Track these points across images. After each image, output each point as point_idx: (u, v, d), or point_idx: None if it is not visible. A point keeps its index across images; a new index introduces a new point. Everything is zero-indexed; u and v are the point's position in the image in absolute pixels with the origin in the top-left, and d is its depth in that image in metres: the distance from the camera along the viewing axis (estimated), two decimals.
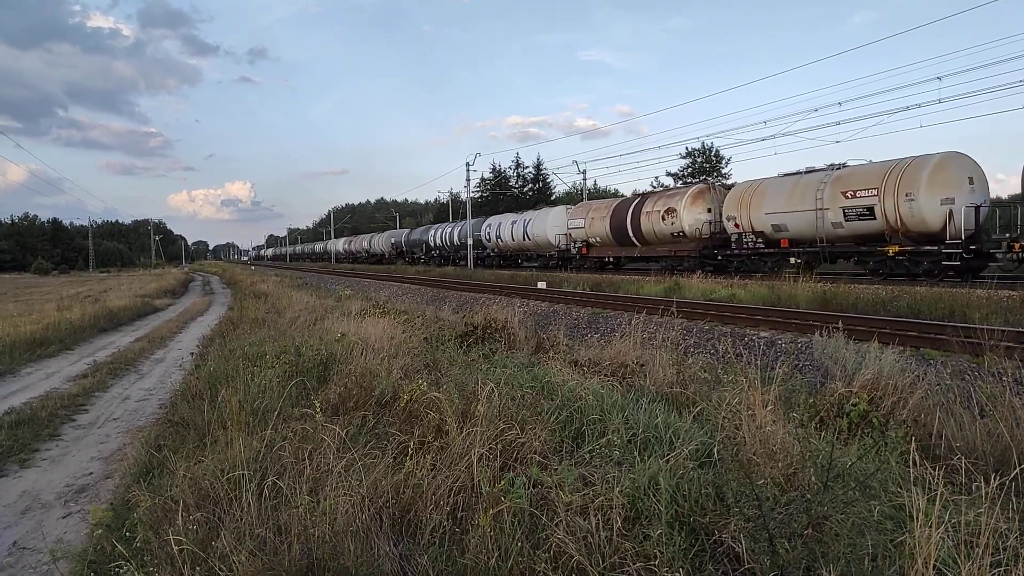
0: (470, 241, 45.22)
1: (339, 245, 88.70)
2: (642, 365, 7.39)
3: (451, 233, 50.87)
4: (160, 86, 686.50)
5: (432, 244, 54.66)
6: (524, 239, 39.93)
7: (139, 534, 3.82)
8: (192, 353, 12.67)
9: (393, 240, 66.58)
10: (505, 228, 42.16)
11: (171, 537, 3.42)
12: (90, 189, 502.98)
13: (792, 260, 22.14)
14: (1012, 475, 3.29)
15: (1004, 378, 6.43)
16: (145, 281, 46.48)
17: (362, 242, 79.74)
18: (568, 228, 35.58)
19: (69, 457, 7.07)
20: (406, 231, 64.10)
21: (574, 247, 35.04)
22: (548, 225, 37.25)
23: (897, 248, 18.66)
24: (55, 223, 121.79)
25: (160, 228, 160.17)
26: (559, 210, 38.15)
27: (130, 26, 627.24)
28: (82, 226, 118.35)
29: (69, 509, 5.62)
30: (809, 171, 22.13)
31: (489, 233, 44.39)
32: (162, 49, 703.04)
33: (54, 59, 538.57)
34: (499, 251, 43.98)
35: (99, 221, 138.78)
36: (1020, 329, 9.32)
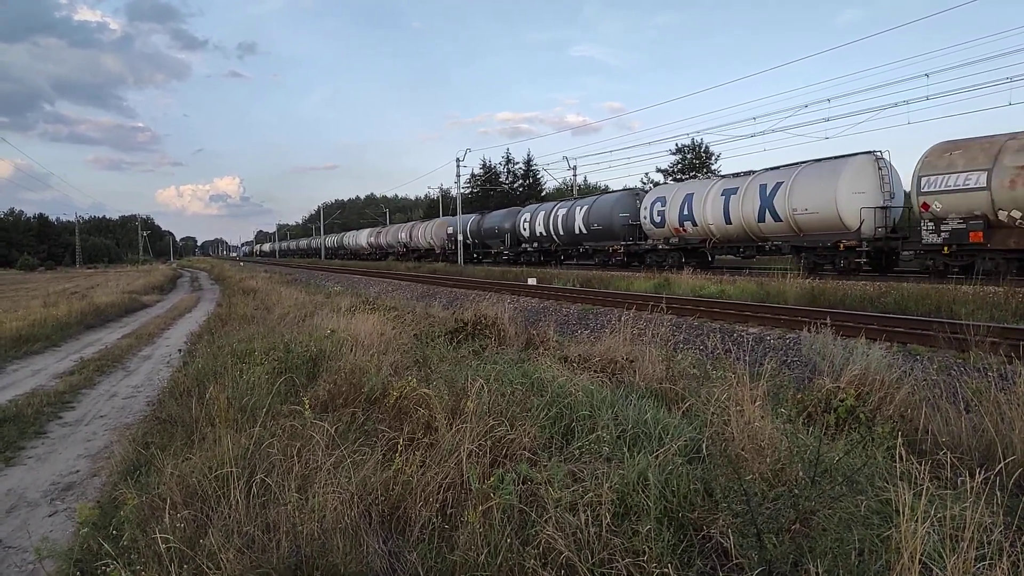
0: (460, 237, 45.09)
1: (362, 239, 74.71)
2: (632, 361, 7.40)
3: (566, 218, 34.67)
4: (148, 80, 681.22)
5: (526, 233, 39.05)
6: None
7: (126, 532, 3.79)
8: (180, 350, 12.60)
9: (450, 230, 49.56)
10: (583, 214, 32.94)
11: (158, 535, 3.39)
12: (77, 184, 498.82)
13: None
14: (997, 469, 3.33)
15: (989, 373, 6.49)
16: (133, 277, 46.13)
17: (398, 233, 62.43)
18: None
19: (55, 455, 7.02)
20: (473, 217, 47.28)
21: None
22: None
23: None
24: (41, 219, 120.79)
25: (148, 224, 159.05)
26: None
27: (118, 20, 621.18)
28: (69, 222, 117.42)
29: (55, 507, 5.57)
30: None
31: (560, 221, 35.00)
32: (150, 43, 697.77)
33: (40, 52, 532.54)
34: (551, 244, 37.09)
35: (86, 217, 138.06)
36: (1005, 325, 9.40)
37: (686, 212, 26.60)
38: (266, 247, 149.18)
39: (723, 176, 27.27)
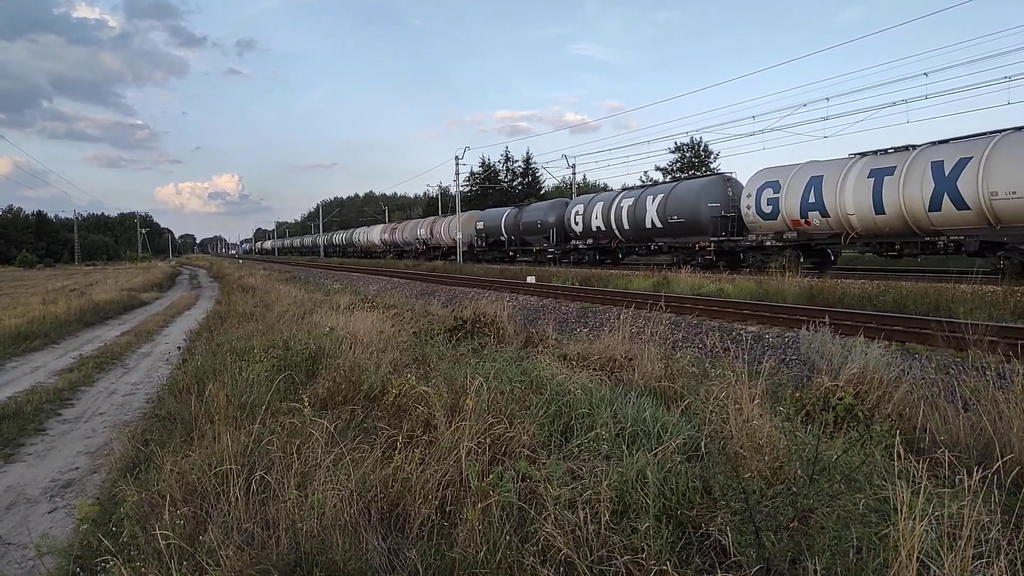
0: (459, 236, 45.04)
1: (374, 235, 67.79)
2: (630, 359, 7.41)
3: (633, 209, 28.93)
4: (147, 78, 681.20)
5: (578, 227, 33.38)
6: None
7: (126, 529, 3.80)
8: (179, 347, 12.60)
9: (480, 225, 43.62)
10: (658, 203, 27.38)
11: (158, 532, 3.40)
12: (76, 182, 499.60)
13: None
14: (994, 468, 3.33)
15: (987, 372, 6.49)
16: (131, 275, 46.12)
17: (416, 229, 55.77)
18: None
19: (55, 452, 7.02)
20: (509, 210, 41.26)
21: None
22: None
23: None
24: (40, 216, 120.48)
25: (147, 221, 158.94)
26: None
27: (116, 17, 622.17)
28: (67, 219, 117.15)
29: (55, 504, 5.58)
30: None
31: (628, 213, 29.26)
32: (149, 40, 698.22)
33: (39, 50, 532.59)
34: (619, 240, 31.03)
35: (85, 214, 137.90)
36: (1003, 324, 9.41)
37: (812, 199, 20.68)
38: (267, 244, 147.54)
39: (863, 153, 20.08)
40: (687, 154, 55.67)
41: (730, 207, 25.05)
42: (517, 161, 72.27)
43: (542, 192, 65.55)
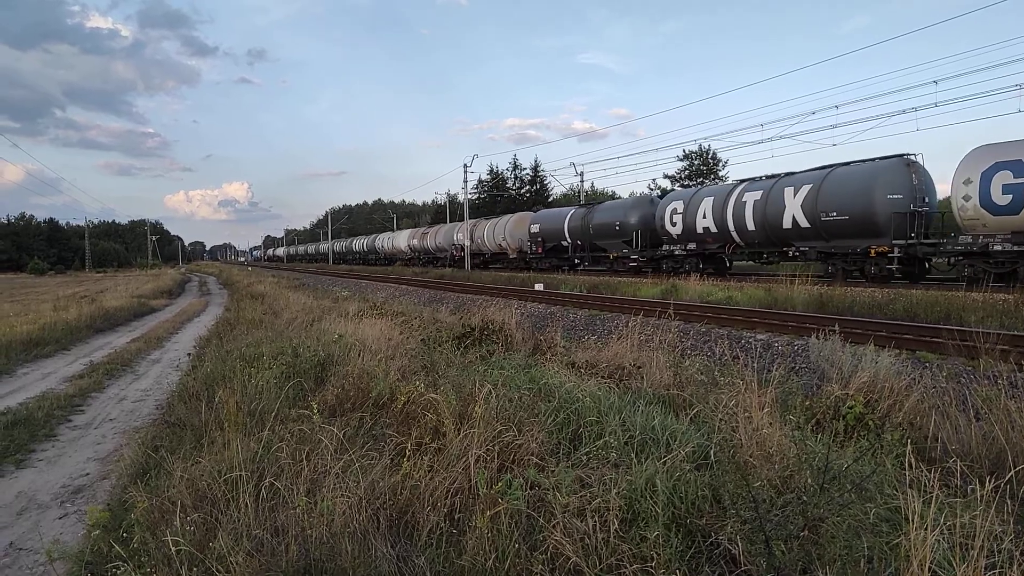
0: (467, 242, 45.08)
1: (400, 241, 61.86)
2: (639, 367, 7.40)
3: (762, 204, 22.93)
4: (158, 87, 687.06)
5: (676, 229, 27.04)
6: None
7: (136, 535, 3.82)
8: (189, 354, 12.65)
9: (537, 227, 36.69)
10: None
11: (168, 538, 3.42)
12: (87, 189, 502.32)
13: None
14: (1007, 478, 3.31)
15: (1000, 381, 6.45)
16: (142, 281, 46.38)
17: (453, 234, 48.56)
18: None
19: (66, 458, 7.06)
20: (575, 210, 34.62)
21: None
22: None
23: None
24: (52, 223, 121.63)
25: (157, 228, 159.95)
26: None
27: (129, 26, 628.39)
28: (79, 226, 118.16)
29: (66, 510, 5.61)
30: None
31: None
32: (161, 50, 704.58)
33: (52, 59, 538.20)
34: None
35: (96, 221, 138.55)
36: (1016, 332, 9.34)
37: None
38: (279, 251, 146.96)
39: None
40: (695, 162, 55.60)
41: (920, 199, 18.57)
42: (525, 169, 72.40)
43: (550, 200, 65.58)
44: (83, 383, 10.78)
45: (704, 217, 25.58)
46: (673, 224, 27.14)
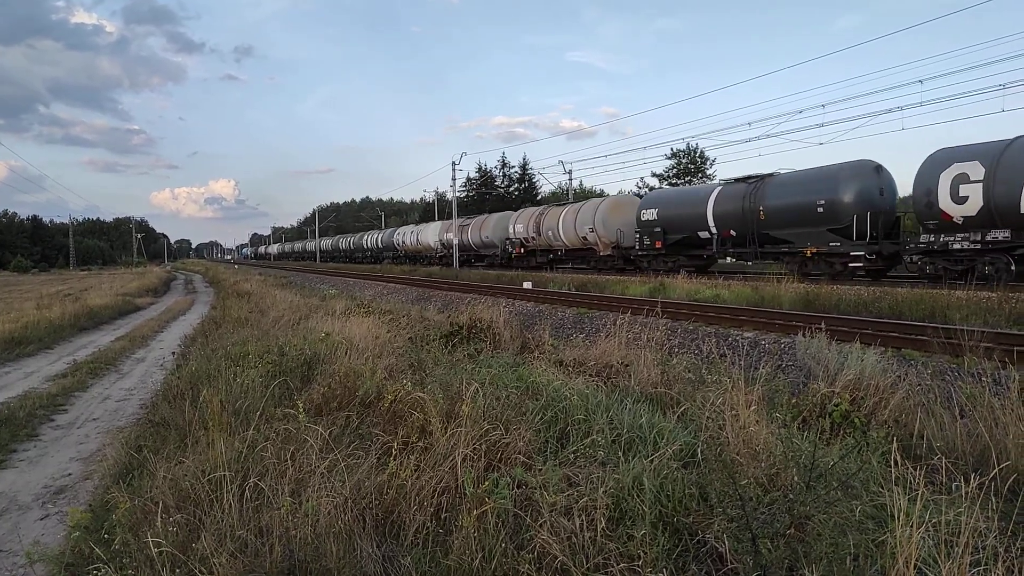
0: (456, 240, 44.97)
1: (428, 236, 51.81)
2: (627, 365, 7.41)
3: None
4: (144, 83, 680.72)
5: (970, 209, 15.81)
6: None
7: (118, 536, 3.76)
8: (174, 353, 12.55)
9: (652, 215, 26.89)
10: None
11: (150, 539, 3.37)
12: (71, 186, 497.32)
13: None
14: (991, 475, 3.33)
15: (983, 379, 6.51)
16: (127, 280, 45.98)
17: (511, 225, 38.34)
18: None
19: (47, 458, 6.97)
20: (719, 189, 24.34)
21: None
22: None
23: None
24: (35, 220, 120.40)
25: (142, 226, 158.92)
26: None
27: (114, 22, 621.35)
28: (63, 224, 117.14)
29: (47, 511, 5.53)
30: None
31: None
32: (146, 46, 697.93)
33: (36, 55, 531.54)
34: None
35: (80, 219, 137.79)
36: (999, 330, 9.43)
37: None
38: (272, 248, 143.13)
39: None
40: (683, 160, 55.82)
41: None
42: (514, 167, 72.41)
43: (538, 198, 65.59)
44: (66, 382, 10.66)
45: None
46: (960, 199, 16.20)
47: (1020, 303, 11.27)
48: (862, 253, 18.90)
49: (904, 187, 21.70)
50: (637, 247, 27.88)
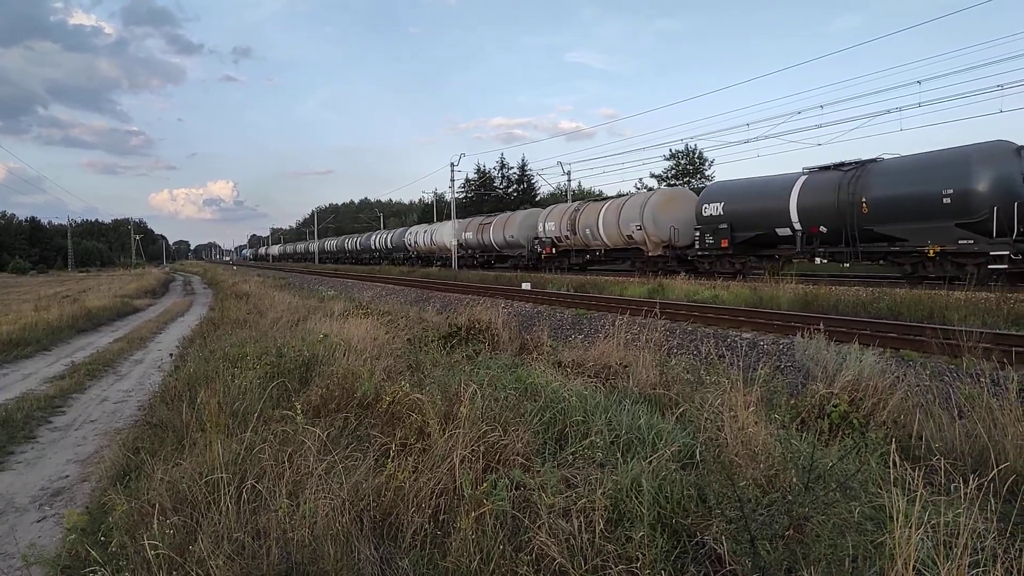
0: (454, 241, 44.91)
1: (443, 235, 47.14)
2: (625, 366, 7.40)
3: None
4: (143, 85, 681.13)
5: None
6: None
7: (114, 538, 3.75)
8: (172, 354, 12.53)
9: (716, 210, 23.61)
10: None
11: (147, 542, 3.36)
12: (70, 188, 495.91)
13: None
14: (990, 476, 3.32)
15: (982, 379, 6.51)
16: (125, 281, 45.91)
17: (561, 220, 32.61)
18: None
19: (45, 460, 6.95)
20: (805, 177, 20.75)
21: None
22: None
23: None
24: (33, 222, 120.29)
25: (141, 227, 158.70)
26: None
27: (113, 24, 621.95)
28: (61, 225, 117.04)
29: (44, 513, 5.51)
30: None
31: None
32: (145, 48, 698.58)
33: (35, 57, 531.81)
34: None
35: (79, 220, 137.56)
36: (997, 331, 9.44)
37: None
38: (273, 250, 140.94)
39: None
40: (682, 161, 55.83)
41: None
42: (512, 168, 72.38)
43: (537, 199, 65.58)
44: (64, 384, 10.63)
45: None
46: None
47: (1018, 304, 11.29)
48: (1006, 253, 15.65)
49: None
50: (697, 246, 24.24)
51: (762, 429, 4.34)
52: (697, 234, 24.31)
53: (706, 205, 24.19)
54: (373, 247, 67.53)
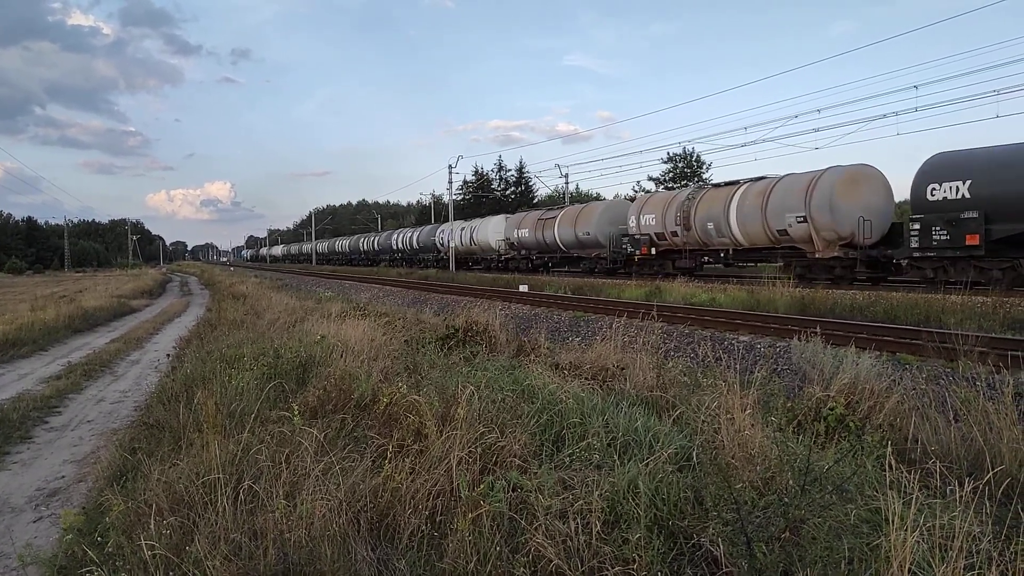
0: (452, 242, 44.93)
1: (486, 233, 42.56)
2: (623, 369, 7.40)
3: None
4: (140, 85, 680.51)
5: None
6: None
7: (111, 539, 3.74)
8: (168, 355, 12.50)
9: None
10: None
11: (143, 542, 3.35)
12: (67, 188, 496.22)
13: None
14: (985, 479, 3.33)
15: (978, 383, 6.53)
16: (122, 281, 45.81)
17: (642, 213, 27.44)
18: None
19: (41, 460, 6.94)
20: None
21: None
22: None
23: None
24: (30, 222, 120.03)
25: (138, 228, 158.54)
26: None
27: (111, 24, 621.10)
28: (58, 225, 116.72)
29: (40, 513, 5.51)
30: None
31: None
32: (143, 48, 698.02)
33: (33, 57, 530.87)
34: None
35: (75, 220, 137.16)
36: (993, 335, 9.46)
37: None
38: (275, 250, 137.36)
39: None
40: (679, 164, 55.92)
41: None
42: (510, 170, 72.50)
43: (535, 201, 65.62)
44: (60, 384, 10.61)
45: None
46: None
47: (1014, 308, 11.32)
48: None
49: (900, 191, 21.81)
50: (918, 244, 16.99)
51: (758, 432, 4.34)
52: (916, 227, 17.05)
53: (934, 185, 16.74)
54: (394, 247, 61.84)
